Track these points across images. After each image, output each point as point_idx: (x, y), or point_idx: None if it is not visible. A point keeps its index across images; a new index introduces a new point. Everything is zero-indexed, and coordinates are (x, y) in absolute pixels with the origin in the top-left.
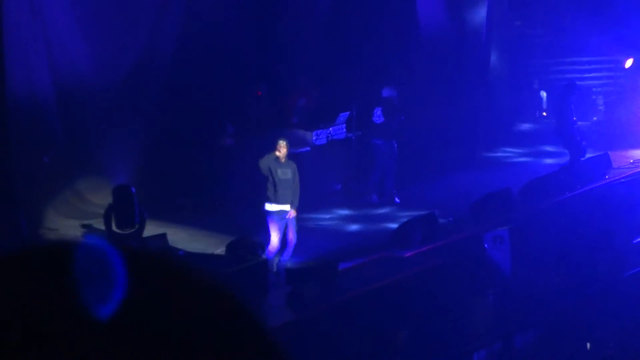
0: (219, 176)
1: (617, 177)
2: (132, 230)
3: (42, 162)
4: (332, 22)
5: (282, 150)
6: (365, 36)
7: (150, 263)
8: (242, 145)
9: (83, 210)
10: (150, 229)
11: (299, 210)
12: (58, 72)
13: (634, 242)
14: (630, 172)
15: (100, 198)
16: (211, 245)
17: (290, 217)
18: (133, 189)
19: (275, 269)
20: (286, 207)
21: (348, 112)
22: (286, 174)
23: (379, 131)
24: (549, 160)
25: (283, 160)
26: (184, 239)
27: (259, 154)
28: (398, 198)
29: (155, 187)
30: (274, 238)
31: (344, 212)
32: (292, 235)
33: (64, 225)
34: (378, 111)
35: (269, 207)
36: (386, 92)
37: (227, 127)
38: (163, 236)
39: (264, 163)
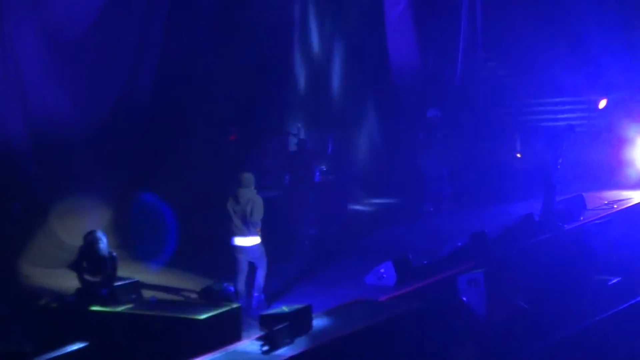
0: (195, 220)
1: (592, 219)
2: (104, 276)
3: (13, 208)
4: (305, 65)
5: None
6: (336, 78)
7: None
8: (219, 188)
9: (58, 257)
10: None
11: (271, 255)
12: (33, 118)
13: (610, 283)
14: (605, 214)
15: (77, 244)
16: (185, 291)
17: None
18: (104, 235)
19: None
20: None
21: (322, 153)
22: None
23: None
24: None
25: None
26: (157, 285)
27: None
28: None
29: (130, 233)
30: (246, 270)
31: (317, 256)
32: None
33: (36, 273)
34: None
35: (249, 241)
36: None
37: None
38: (135, 283)
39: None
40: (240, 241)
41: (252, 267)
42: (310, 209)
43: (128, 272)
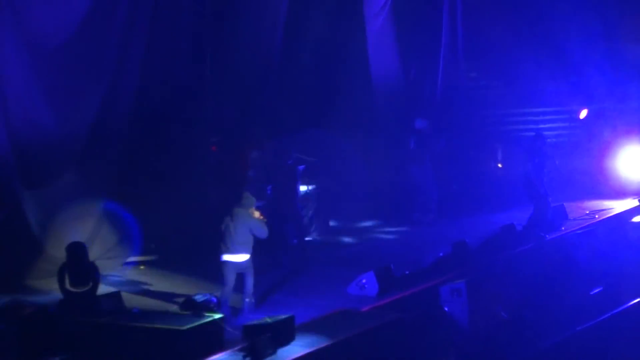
0: (178, 231)
1: (574, 229)
2: (86, 288)
3: None
4: (285, 73)
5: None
6: (317, 88)
7: None
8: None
9: (41, 268)
10: (106, 287)
11: (254, 266)
12: (15, 127)
13: (591, 293)
14: (587, 224)
15: (60, 254)
16: (168, 302)
17: None
18: (86, 246)
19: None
20: None
21: (303, 165)
22: None
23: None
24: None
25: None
26: (140, 296)
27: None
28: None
29: (115, 241)
30: (233, 283)
31: (300, 266)
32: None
33: (19, 284)
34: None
35: (239, 258)
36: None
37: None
38: (117, 294)
39: None
40: (229, 257)
41: (240, 275)
42: (292, 219)
43: (108, 284)
